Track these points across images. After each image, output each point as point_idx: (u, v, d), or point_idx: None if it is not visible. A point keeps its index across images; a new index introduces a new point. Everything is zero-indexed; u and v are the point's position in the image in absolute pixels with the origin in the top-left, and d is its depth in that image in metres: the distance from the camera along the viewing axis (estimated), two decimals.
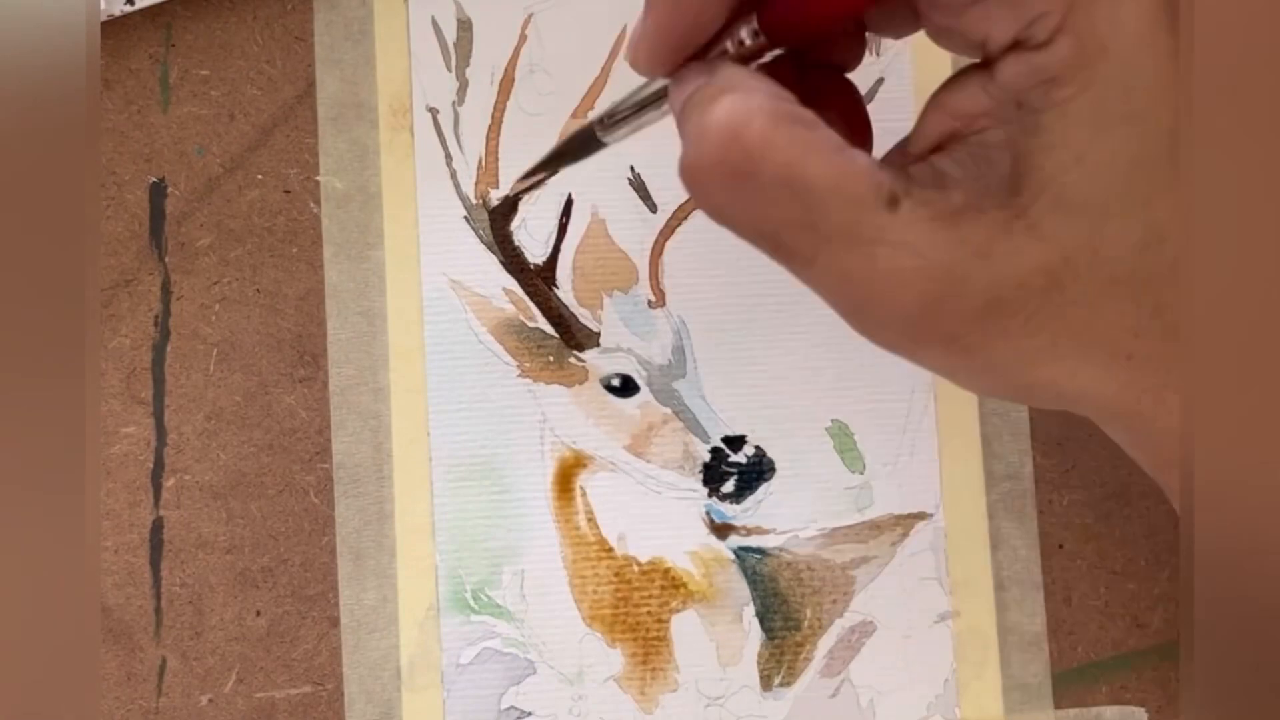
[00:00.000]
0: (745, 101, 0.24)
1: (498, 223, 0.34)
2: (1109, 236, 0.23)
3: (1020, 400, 0.26)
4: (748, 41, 0.26)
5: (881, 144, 0.29)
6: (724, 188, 0.25)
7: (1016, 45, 0.23)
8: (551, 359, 0.34)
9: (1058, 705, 0.33)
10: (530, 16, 0.35)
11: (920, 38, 0.35)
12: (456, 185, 0.34)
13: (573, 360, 0.34)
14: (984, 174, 0.24)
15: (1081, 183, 0.23)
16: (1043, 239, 0.23)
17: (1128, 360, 0.24)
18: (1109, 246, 0.23)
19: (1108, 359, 0.24)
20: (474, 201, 0.34)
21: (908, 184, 0.24)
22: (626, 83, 0.34)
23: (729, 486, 0.34)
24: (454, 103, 0.34)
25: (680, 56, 0.27)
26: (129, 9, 0.34)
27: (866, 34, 0.28)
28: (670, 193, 0.34)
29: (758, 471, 0.34)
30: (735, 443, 0.34)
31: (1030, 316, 0.24)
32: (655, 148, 0.34)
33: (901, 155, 0.26)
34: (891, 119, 0.34)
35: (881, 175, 0.24)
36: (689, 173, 0.25)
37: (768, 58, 0.26)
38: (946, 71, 0.34)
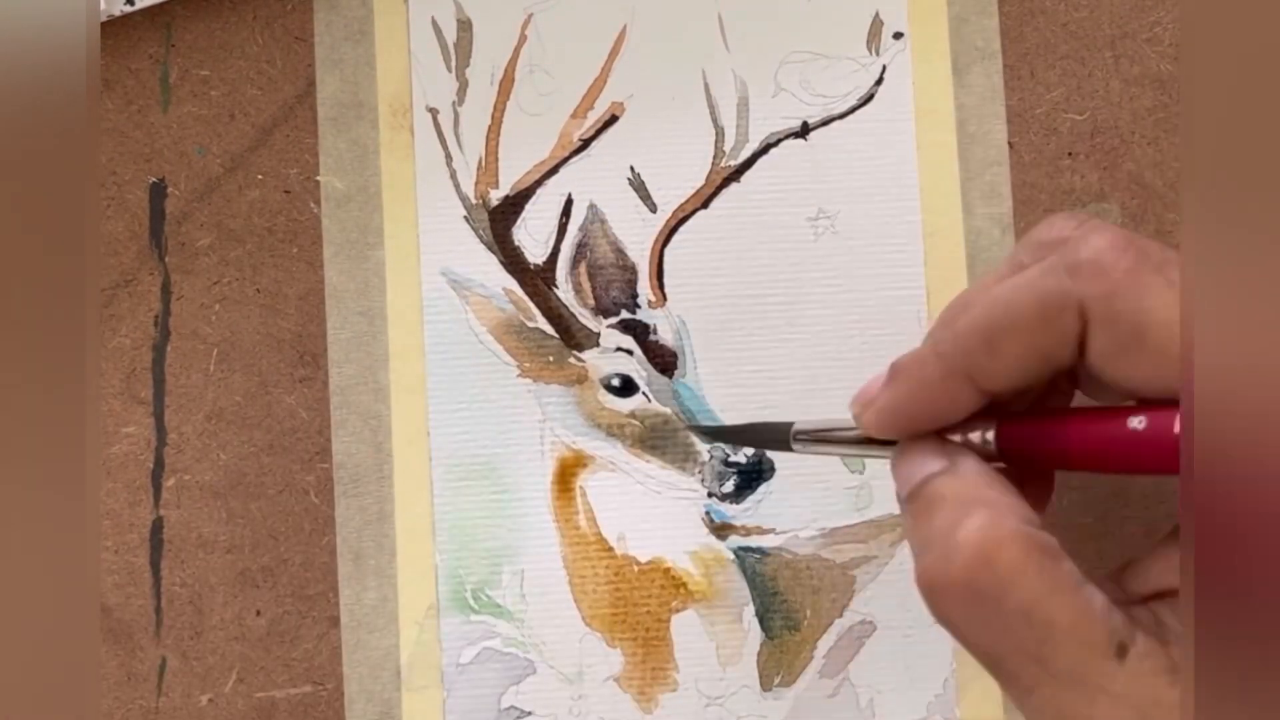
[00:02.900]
0: (1000, 525, 0.24)
1: (498, 223, 0.34)
2: None
3: None
4: (975, 445, 0.26)
5: (876, 141, 0.29)
6: (963, 606, 0.25)
7: None
8: (551, 359, 0.34)
9: None
10: (530, 16, 0.35)
11: (918, 30, 0.36)
12: (456, 185, 0.34)
13: (573, 360, 0.34)
14: None
15: None
16: None
17: None
18: None
19: None
20: (474, 201, 0.34)
21: (1133, 630, 0.24)
22: (626, 83, 0.34)
23: (729, 486, 0.34)
24: (454, 103, 0.34)
25: (911, 433, 0.27)
26: (129, 9, 0.34)
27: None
28: (670, 192, 0.34)
29: (758, 471, 0.34)
30: None
31: None
32: (655, 148, 0.35)
33: (1123, 591, 0.26)
34: (891, 118, 0.34)
35: (1115, 620, 0.24)
36: (929, 583, 0.25)
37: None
38: (947, 71, 0.34)
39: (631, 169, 0.34)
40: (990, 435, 0.26)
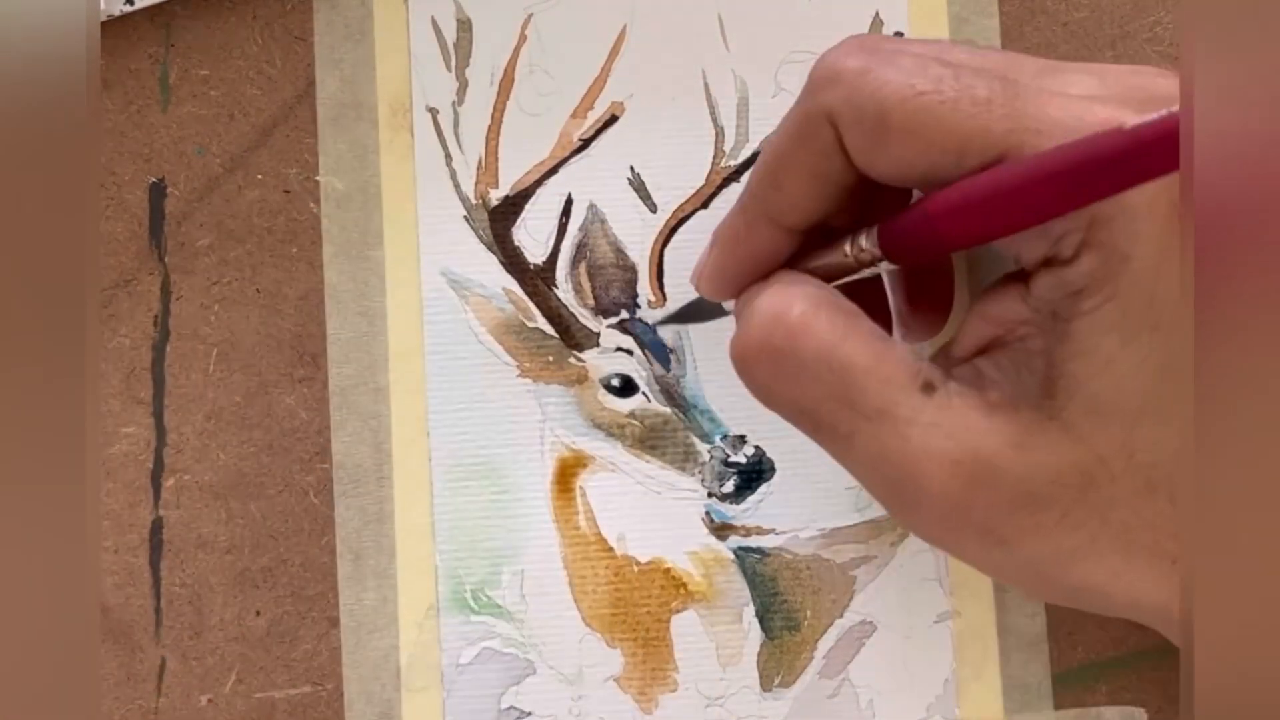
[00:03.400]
0: (788, 289, 0.26)
1: (498, 223, 0.34)
2: (1143, 440, 0.24)
3: (1074, 605, 0.27)
4: (864, 252, 0.27)
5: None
6: (767, 365, 0.26)
7: (1047, 262, 0.24)
8: (551, 359, 0.34)
9: (1058, 705, 0.33)
10: (530, 16, 0.35)
11: (918, 30, 0.36)
12: (456, 185, 0.34)
13: (573, 360, 0.34)
14: (1021, 377, 0.24)
15: (1111, 388, 0.23)
16: (1077, 439, 0.24)
17: (1173, 564, 0.24)
18: (1143, 450, 0.24)
19: (1151, 560, 0.24)
20: (474, 201, 0.34)
21: (945, 377, 0.25)
22: (626, 83, 0.34)
23: (729, 486, 0.34)
24: (454, 103, 0.34)
25: (740, 289, 0.29)
26: (129, 9, 0.34)
27: None
28: (670, 193, 0.34)
29: (758, 471, 0.34)
30: (735, 443, 0.34)
31: (1066, 513, 0.24)
32: (655, 148, 0.35)
33: (945, 359, 0.26)
34: None
35: (918, 364, 0.25)
36: (736, 353, 0.27)
37: (868, 273, 0.27)
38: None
39: (631, 169, 0.34)
40: (874, 235, 0.26)
